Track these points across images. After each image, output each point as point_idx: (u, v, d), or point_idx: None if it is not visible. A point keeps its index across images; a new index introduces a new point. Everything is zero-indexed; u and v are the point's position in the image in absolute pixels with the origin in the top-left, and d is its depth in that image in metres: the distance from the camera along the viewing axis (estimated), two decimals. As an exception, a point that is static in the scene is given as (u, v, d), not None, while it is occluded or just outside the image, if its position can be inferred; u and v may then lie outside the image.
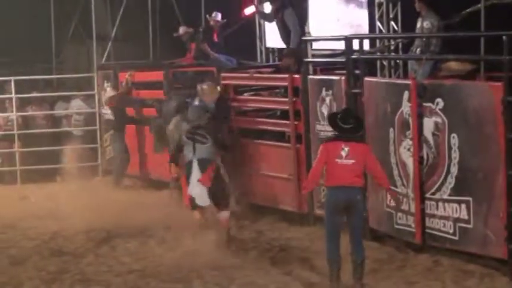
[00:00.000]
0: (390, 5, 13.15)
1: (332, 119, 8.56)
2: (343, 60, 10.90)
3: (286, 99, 11.61)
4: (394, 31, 13.08)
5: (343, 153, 8.32)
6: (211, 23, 14.72)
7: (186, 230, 10.88)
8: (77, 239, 10.79)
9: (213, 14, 14.76)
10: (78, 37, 17.84)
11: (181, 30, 15.21)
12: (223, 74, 12.79)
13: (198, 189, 10.37)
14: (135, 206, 12.45)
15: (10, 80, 15.12)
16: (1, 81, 15.58)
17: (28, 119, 15.56)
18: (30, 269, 9.57)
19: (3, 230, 11.37)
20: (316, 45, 12.39)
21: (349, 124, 8.40)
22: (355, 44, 10.71)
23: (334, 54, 12.57)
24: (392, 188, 9.36)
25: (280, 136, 11.95)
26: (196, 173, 10.35)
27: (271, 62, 14.50)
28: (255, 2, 13.67)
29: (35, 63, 18.31)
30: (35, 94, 15.70)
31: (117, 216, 11.76)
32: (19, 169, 14.95)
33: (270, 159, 11.82)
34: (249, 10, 14.13)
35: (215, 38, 14.63)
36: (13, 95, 15.17)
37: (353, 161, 8.31)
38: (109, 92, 14.59)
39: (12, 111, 15.23)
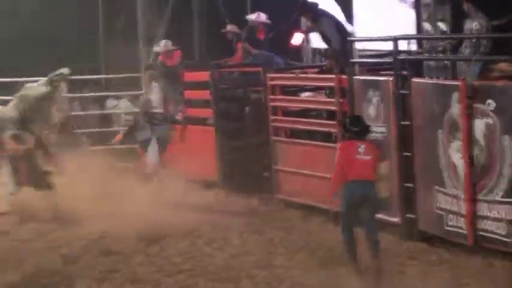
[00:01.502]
0: (438, 6, 13.07)
1: (343, 124, 9.61)
2: (391, 61, 10.88)
3: (333, 100, 11.62)
4: (442, 32, 12.99)
5: (361, 150, 9.11)
6: (253, 23, 14.74)
7: (234, 230, 11.06)
8: (127, 239, 10.86)
9: (255, 15, 14.78)
10: (125, 37, 18.01)
11: (228, 27, 15.29)
12: (269, 75, 12.83)
13: None
14: (182, 205, 12.58)
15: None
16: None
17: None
18: (81, 268, 9.69)
19: (58, 229, 11.48)
20: (363, 45, 12.39)
21: (358, 127, 9.25)
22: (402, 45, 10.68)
23: (381, 54, 12.55)
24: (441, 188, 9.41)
25: (327, 137, 11.96)
26: None
27: (318, 63, 14.51)
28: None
29: (83, 63, 18.56)
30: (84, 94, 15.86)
31: (166, 216, 11.93)
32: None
33: (317, 160, 11.83)
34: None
35: (261, 37, 14.66)
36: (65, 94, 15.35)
37: (369, 157, 9.11)
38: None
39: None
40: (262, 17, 14.72)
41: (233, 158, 13.48)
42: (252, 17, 14.63)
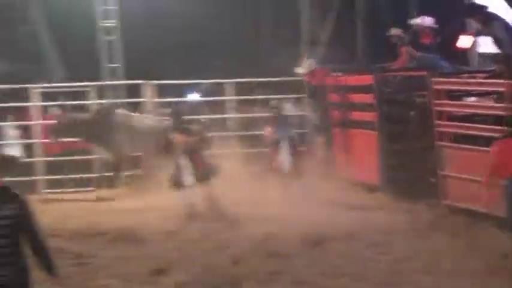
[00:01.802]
0: None
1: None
2: None
3: (502, 105, 11.37)
4: None
5: None
6: (417, 27, 14.58)
7: (398, 234, 11.03)
8: (291, 241, 10.99)
9: (420, 18, 14.61)
10: (289, 42, 18.24)
11: (393, 31, 15.20)
12: (434, 79, 12.70)
13: None
14: (344, 208, 12.68)
15: (228, 83, 15.76)
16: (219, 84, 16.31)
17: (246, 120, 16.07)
18: (248, 269, 9.86)
19: (223, 229, 11.78)
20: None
21: None
22: None
23: None
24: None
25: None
26: None
27: (486, 68, 14.22)
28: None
29: (246, 66, 18.95)
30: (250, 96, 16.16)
31: (329, 218, 12.03)
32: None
33: (482, 165, 11.58)
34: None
35: (426, 41, 14.49)
36: (233, 97, 15.74)
37: None
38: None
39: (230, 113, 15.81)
40: (428, 21, 14.52)
41: (396, 161, 13.41)
42: (417, 20, 14.48)
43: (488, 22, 12.86)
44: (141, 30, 17.24)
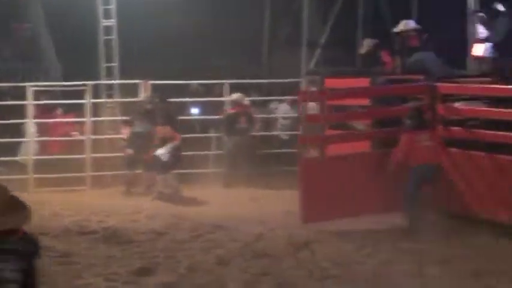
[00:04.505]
0: None
1: None
2: None
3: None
4: None
5: None
6: (404, 33, 14.46)
7: (384, 237, 11.00)
8: (278, 242, 10.98)
9: (402, 24, 14.50)
10: (289, 42, 18.24)
11: (366, 43, 15.14)
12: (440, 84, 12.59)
13: None
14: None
15: (224, 84, 15.78)
16: (211, 85, 16.32)
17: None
18: (234, 270, 9.84)
19: (210, 230, 11.78)
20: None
21: None
22: None
23: None
24: None
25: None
26: None
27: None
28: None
29: (247, 67, 18.97)
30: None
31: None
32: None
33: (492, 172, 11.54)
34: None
35: (415, 44, 14.36)
36: (226, 98, 15.76)
37: None
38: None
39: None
40: (411, 23, 14.45)
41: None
42: (400, 27, 14.40)
43: (494, 17, 12.78)
44: (138, 29, 17.24)
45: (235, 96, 15.49)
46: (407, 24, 14.27)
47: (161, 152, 13.94)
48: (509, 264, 9.79)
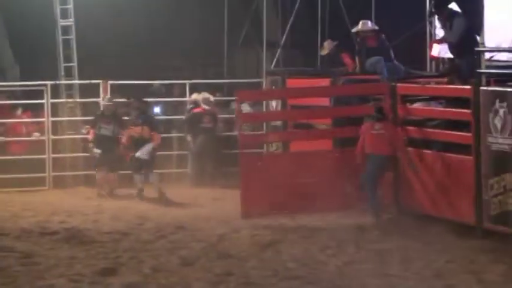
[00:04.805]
0: None
1: None
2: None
3: (465, 111, 11.39)
4: None
5: None
6: (363, 33, 14.56)
7: (348, 237, 11.06)
8: (242, 243, 11.01)
9: (361, 24, 14.60)
10: (249, 43, 18.24)
11: (326, 44, 15.24)
12: (393, 84, 12.71)
13: None
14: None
15: (181, 84, 15.73)
16: (171, 85, 16.28)
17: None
18: (198, 270, 9.81)
19: (174, 230, 11.75)
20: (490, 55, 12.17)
21: None
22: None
23: (510, 65, 12.27)
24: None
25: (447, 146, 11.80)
26: None
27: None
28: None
29: (207, 67, 18.96)
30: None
31: (281, 221, 12.07)
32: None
33: (439, 169, 11.70)
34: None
35: (373, 44, 14.46)
36: (187, 98, 15.71)
37: None
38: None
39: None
40: (369, 24, 14.55)
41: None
42: (358, 27, 14.50)
43: (451, 17, 12.90)
44: (98, 29, 17.13)
45: (201, 95, 15.48)
46: (365, 25, 14.37)
47: (141, 152, 13.83)
48: (470, 263, 9.88)
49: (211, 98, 15.60)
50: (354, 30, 14.53)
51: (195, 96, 15.55)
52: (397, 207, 12.33)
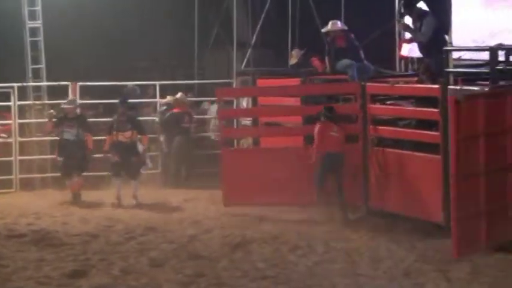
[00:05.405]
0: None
1: None
2: (487, 71, 10.70)
3: (434, 110, 11.45)
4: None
5: None
6: (334, 33, 14.55)
7: (318, 237, 11.08)
8: (213, 243, 10.99)
9: (330, 24, 14.61)
10: (219, 44, 18.23)
11: (294, 53, 15.26)
12: (364, 83, 12.74)
13: None
14: (268, 211, 12.68)
15: (153, 85, 15.64)
16: (143, 86, 16.19)
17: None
18: (168, 272, 9.78)
19: (144, 232, 11.70)
20: (458, 54, 12.24)
21: None
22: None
23: (477, 64, 12.33)
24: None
25: (418, 146, 11.84)
26: None
27: (409, 71, 14.37)
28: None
29: (178, 68, 18.91)
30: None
31: (252, 222, 12.08)
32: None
33: (408, 169, 11.74)
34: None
35: (342, 44, 14.47)
36: (157, 99, 15.65)
37: None
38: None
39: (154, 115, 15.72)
40: (339, 24, 14.56)
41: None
42: (328, 27, 14.50)
43: (422, 17, 12.95)
44: (66, 31, 17.02)
45: (179, 95, 15.40)
46: (334, 25, 14.39)
47: (134, 158, 13.66)
48: (438, 262, 9.91)
49: (185, 98, 15.53)
50: (323, 30, 14.53)
51: (170, 98, 15.46)
52: (366, 207, 12.37)
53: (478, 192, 10.09)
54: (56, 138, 14.20)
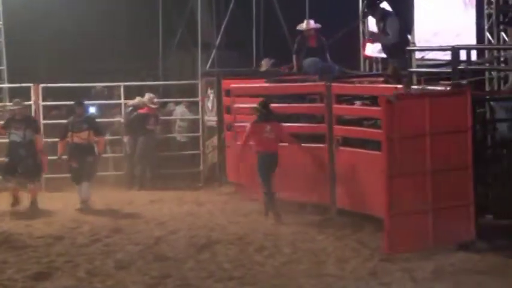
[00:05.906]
0: (501, 16, 12.88)
1: None
2: (449, 70, 10.78)
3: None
4: (504, 42, 12.79)
5: None
6: (307, 32, 14.61)
7: (284, 237, 11.10)
8: (179, 245, 10.96)
9: (305, 23, 14.66)
10: (184, 45, 18.21)
11: (264, 62, 15.30)
12: (328, 84, 12.77)
13: None
14: (234, 212, 12.74)
15: (119, 86, 15.58)
16: (110, 87, 16.09)
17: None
18: (134, 273, 9.74)
19: (110, 234, 11.64)
20: (421, 54, 12.32)
21: None
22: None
23: (439, 64, 12.43)
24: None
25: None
26: None
27: (374, 71, 14.46)
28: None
29: (142, 70, 18.84)
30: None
31: (217, 222, 12.08)
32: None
33: (370, 167, 11.78)
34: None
35: (313, 44, 14.54)
36: (122, 101, 15.58)
37: None
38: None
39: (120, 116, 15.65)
40: (312, 23, 14.62)
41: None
42: (302, 26, 14.54)
43: (385, 17, 13.03)
44: (27, 32, 16.89)
45: (146, 96, 15.31)
46: (309, 24, 14.44)
47: (91, 159, 13.49)
48: (403, 261, 9.95)
49: (155, 99, 15.42)
50: (299, 27, 14.57)
51: (138, 99, 15.35)
52: (332, 207, 12.40)
53: (417, 191, 10.11)
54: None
